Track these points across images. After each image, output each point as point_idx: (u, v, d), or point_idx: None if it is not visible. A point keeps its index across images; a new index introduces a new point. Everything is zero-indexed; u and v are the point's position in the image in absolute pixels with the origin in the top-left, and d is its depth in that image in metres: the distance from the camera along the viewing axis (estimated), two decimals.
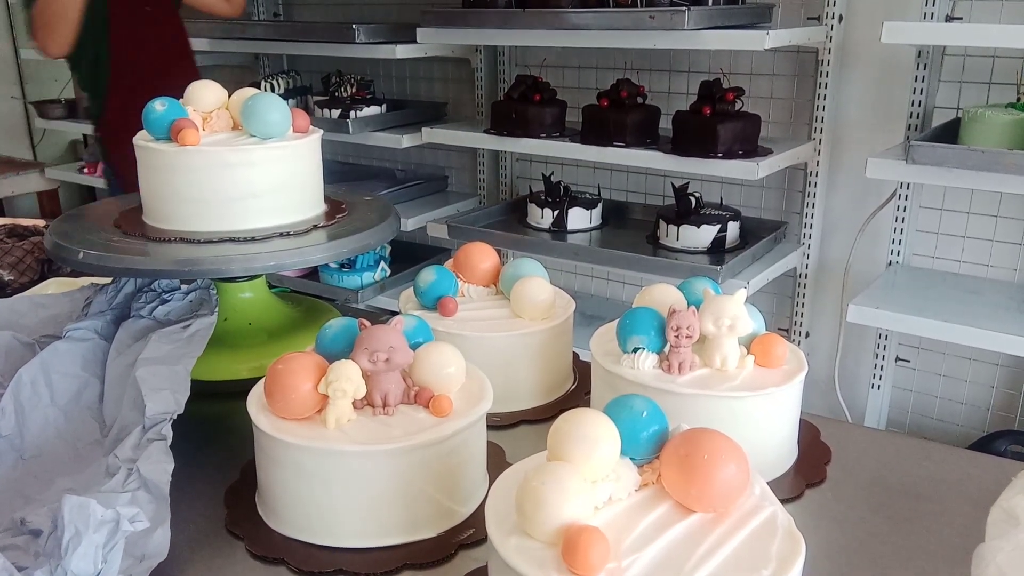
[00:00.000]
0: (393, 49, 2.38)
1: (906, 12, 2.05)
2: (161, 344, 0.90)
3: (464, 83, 2.89)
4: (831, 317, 2.36)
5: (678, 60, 2.47)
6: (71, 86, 3.74)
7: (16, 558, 0.66)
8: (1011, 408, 2.19)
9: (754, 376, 0.84)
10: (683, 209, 2.17)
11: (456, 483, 0.79)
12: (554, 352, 1.03)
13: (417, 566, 0.75)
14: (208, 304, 1.00)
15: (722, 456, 0.60)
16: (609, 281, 2.74)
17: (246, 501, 0.84)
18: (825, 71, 2.15)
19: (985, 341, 1.80)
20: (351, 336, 0.79)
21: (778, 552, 0.57)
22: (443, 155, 2.99)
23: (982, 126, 1.76)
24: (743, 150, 2.05)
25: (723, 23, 2.02)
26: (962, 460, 0.93)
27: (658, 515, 0.60)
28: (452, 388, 0.80)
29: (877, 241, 2.22)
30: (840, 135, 2.25)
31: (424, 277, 1.03)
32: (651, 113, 2.26)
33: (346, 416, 0.76)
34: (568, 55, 2.63)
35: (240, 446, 0.87)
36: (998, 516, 0.59)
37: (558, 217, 2.34)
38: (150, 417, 0.79)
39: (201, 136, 1.04)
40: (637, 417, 0.63)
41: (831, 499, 0.86)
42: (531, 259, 1.07)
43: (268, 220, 1.05)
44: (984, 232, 2.14)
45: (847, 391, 2.32)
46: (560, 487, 0.56)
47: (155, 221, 1.06)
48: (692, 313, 0.82)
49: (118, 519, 0.64)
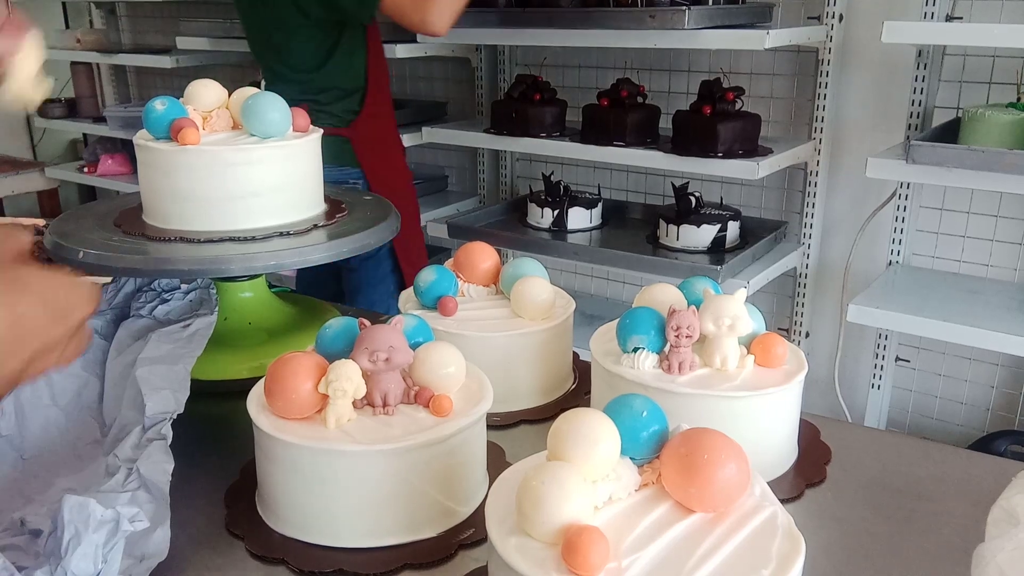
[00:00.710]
0: (393, 48, 2.38)
1: (906, 12, 2.05)
2: (161, 343, 0.90)
3: (464, 82, 2.89)
4: (831, 317, 2.36)
5: (678, 59, 2.47)
6: (71, 85, 3.74)
7: (16, 558, 0.66)
8: (1011, 408, 2.19)
9: (754, 376, 0.84)
10: (683, 209, 2.17)
11: (456, 483, 0.78)
12: (554, 352, 1.03)
13: (417, 566, 0.75)
14: (208, 303, 1.00)
15: (722, 456, 0.60)
16: (609, 281, 2.74)
17: (246, 501, 0.83)
18: (825, 71, 2.15)
19: (985, 341, 1.80)
20: (351, 336, 0.79)
21: (778, 552, 0.57)
22: (443, 155, 2.99)
23: (982, 126, 1.77)
24: (743, 150, 2.05)
25: (723, 22, 2.02)
26: (962, 460, 0.93)
27: (658, 515, 0.60)
28: (452, 388, 0.80)
29: (877, 241, 2.22)
30: (840, 135, 2.25)
31: (424, 277, 1.03)
32: (651, 113, 2.26)
33: (346, 416, 0.76)
34: (568, 54, 2.63)
35: (240, 446, 0.87)
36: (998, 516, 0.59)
37: (558, 217, 2.34)
38: (150, 416, 0.79)
39: (202, 135, 1.04)
40: (637, 417, 0.63)
41: (831, 499, 0.86)
42: (531, 259, 1.07)
43: (268, 220, 1.05)
44: (984, 232, 2.14)
45: (847, 391, 2.32)
46: (560, 487, 0.56)
47: (155, 220, 1.06)
48: (692, 313, 0.82)
49: (118, 519, 0.64)
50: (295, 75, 1.98)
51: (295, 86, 1.96)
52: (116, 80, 3.95)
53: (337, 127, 1.97)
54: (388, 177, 2.05)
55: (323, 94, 1.97)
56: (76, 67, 3.67)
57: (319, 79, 1.97)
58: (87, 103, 3.71)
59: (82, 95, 3.71)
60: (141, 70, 3.94)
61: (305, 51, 1.95)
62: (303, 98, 1.91)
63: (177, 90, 1.09)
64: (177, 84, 3.47)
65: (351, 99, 2.00)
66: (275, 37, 1.95)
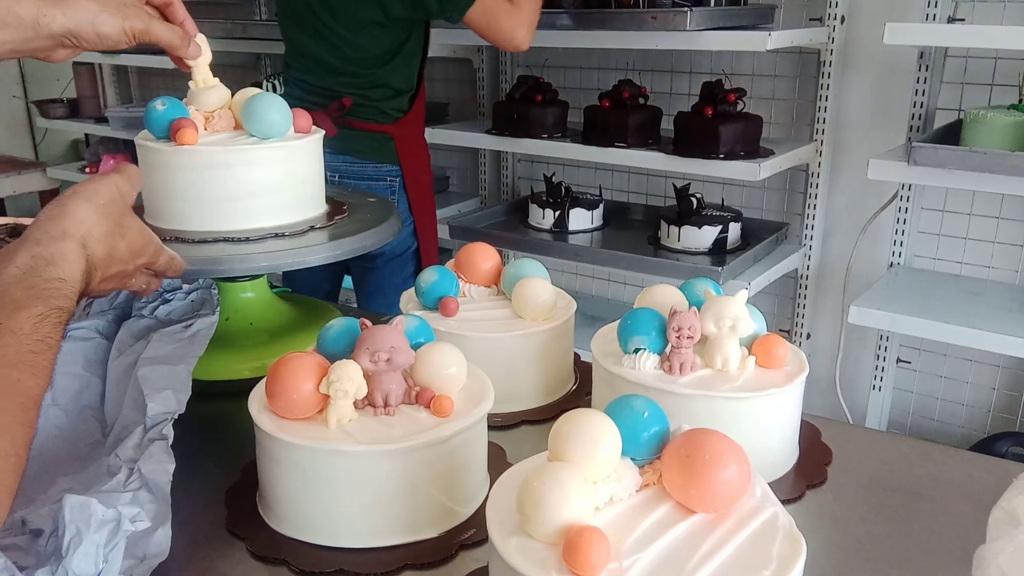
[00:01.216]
0: None
1: (908, 13, 2.05)
2: (163, 344, 0.90)
3: (466, 83, 2.89)
4: (832, 318, 2.36)
5: (680, 61, 2.47)
6: (72, 85, 3.75)
7: (17, 558, 0.66)
8: (1012, 410, 2.19)
9: (755, 377, 0.84)
10: (684, 210, 2.17)
11: (457, 483, 0.79)
12: (555, 353, 1.03)
13: (418, 566, 0.75)
14: (210, 304, 1.00)
15: (723, 457, 0.60)
16: (610, 282, 2.74)
17: (247, 501, 0.84)
18: (827, 72, 2.15)
19: (986, 343, 1.80)
20: (352, 336, 0.79)
21: (779, 553, 0.57)
22: (444, 155, 2.99)
23: (984, 128, 1.76)
24: (745, 151, 2.05)
25: (725, 24, 2.02)
26: (963, 461, 0.93)
27: (659, 516, 0.60)
28: (453, 388, 0.80)
29: (878, 242, 2.22)
30: (842, 136, 2.25)
31: (425, 277, 1.03)
32: (653, 114, 2.26)
33: (347, 416, 0.76)
34: (570, 56, 2.63)
35: (241, 446, 0.87)
36: (999, 517, 0.59)
37: (559, 218, 2.34)
38: (151, 417, 0.79)
39: (203, 135, 1.04)
40: (638, 417, 0.63)
41: (832, 500, 0.86)
42: (532, 260, 1.07)
43: (268, 220, 1.05)
44: (986, 234, 2.14)
45: (848, 392, 2.31)
46: (561, 487, 0.56)
47: (155, 220, 1.06)
48: (693, 314, 0.82)
49: (119, 519, 0.64)
50: (349, 68, 1.91)
51: (344, 78, 1.91)
52: (118, 80, 3.95)
53: (383, 124, 1.95)
54: (422, 178, 2.04)
55: (375, 90, 1.93)
56: (78, 67, 3.67)
57: (377, 76, 1.93)
58: (89, 103, 3.71)
59: (84, 95, 3.72)
60: (143, 70, 3.95)
61: (372, 47, 1.90)
62: (349, 92, 1.90)
63: (179, 91, 1.09)
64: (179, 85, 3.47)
65: (401, 98, 1.97)
66: (337, 29, 1.88)
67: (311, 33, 1.93)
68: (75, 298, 0.70)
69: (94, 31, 0.86)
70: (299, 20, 1.96)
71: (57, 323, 0.67)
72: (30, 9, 0.82)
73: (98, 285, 0.76)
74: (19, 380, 0.62)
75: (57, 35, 0.84)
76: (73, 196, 0.74)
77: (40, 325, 0.65)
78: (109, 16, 0.86)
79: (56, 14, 0.83)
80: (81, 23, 0.85)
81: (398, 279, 2.02)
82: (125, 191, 0.78)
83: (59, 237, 0.71)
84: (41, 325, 0.65)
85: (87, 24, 0.85)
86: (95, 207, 0.74)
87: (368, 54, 1.90)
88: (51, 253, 0.69)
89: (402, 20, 1.86)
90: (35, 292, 0.66)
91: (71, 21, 0.84)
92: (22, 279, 0.67)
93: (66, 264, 0.70)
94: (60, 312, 0.67)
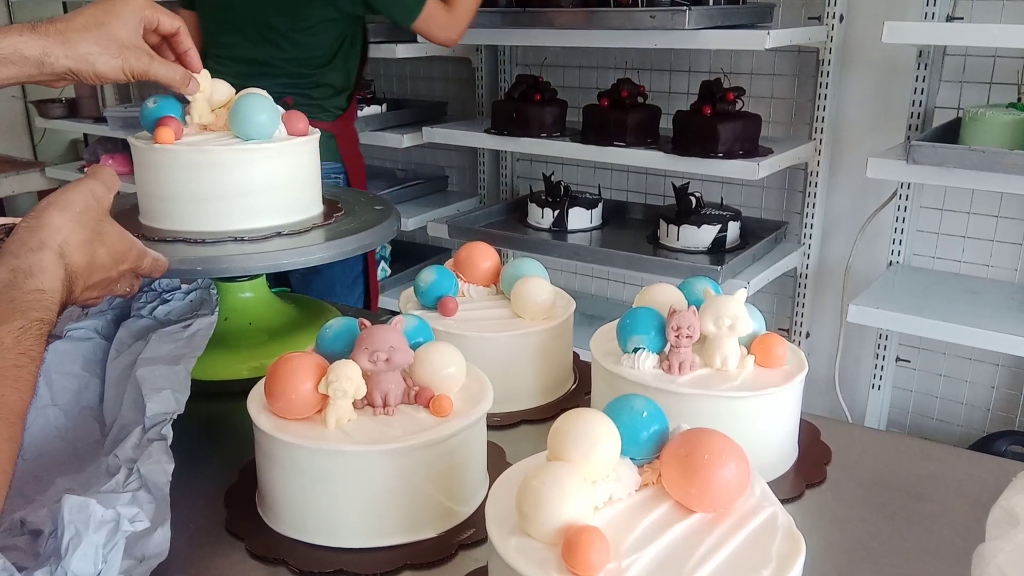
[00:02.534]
0: (393, 48, 2.38)
1: (907, 12, 2.05)
2: (161, 344, 0.90)
3: (465, 82, 2.89)
4: (831, 317, 2.36)
5: (679, 60, 2.47)
6: (71, 86, 3.74)
7: (16, 558, 0.66)
8: (1011, 408, 2.19)
9: (754, 376, 0.84)
10: (683, 209, 2.17)
11: (456, 483, 0.79)
12: (554, 352, 1.03)
13: (417, 566, 0.75)
14: (209, 304, 1.00)
15: (722, 456, 0.60)
16: (609, 281, 2.74)
17: (246, 501, 0.84)
18: (826, 71, 2.15)
19: (986, 341, 1.80)
20: (351, 336, 0.79)
21: (778, 552, 0.57)
22: (443, 155, 2.99)
23: (983, 126, 1.76)
24: (743, 150, 2.05)
25: (724, 23, 2.02)
26: (962, 460, 0.93)
27: (658, 515, 0.60)
28: (452, 388, 0.80)
29: (877, 241, 2.22)
30: (841, 135, 2.25)
31: (424, 277, 1.03)
32: (651, 113, 2.26)
33: (346, 416, 0.76)
34: (569, 55, 2.63)
35: (240, 446, 0.87)
36: (998, 516, 0.59)
37: (558, 217, 2.34)
38: (150, 417, 0.79)
39: (202, 135, 1.04)
40: (637, 417, 0.63)
41: (831, 499, 0.86)
42: (531, 259, 1.07)
43: (265, 220, 1.05)
44: (985, 232, 2.14)
45: (847, 391, 2.32)
46: (560, 487, 0.56)
47: (151, 221, 1.06)
48: (692, 313, 0.82)
49: (118, 519, 0.64)
50: (290, 68, 1.95)
51: (285, 79, 1.94)
52: None
53: (325, 122, 1.98)
54: (361, 174, 2.10)
55: (317, 89, 1.99)
56: None
57: (319, 75, 1.97)
58: (87, 103, 3.70)
59: (82, 95, 3.71)
60: None
61: (318, 45, 1.94)
62: (291, 92, 1.93)
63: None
64: None
65: (340, 97, 2.04)
66: (286, 30, 1.91)
67: (252, 37, 1.96)
68: (56, 309, 0.70)
69: (93, 71, 0.90)
70: (235, 25, 1.98)
71: (39, 335, 0.66)
72: (35, 50, 0.86)
73: (82, 294, 0.75)
74: (2, 395, 0.61)
75: (59, 73, 0.89)
76: (48, 207, 0.74)
77: (22, 338, 0.64)
78: (109, 58, 0.91)
79: (59, 55, 0.88)
80: (81, 64, 0.89)
81: (348, 278, 2.06)
82: (100, 195, 0.78)
83: (36, 248, 0.71)
84: (23, 338, 0.65)
85: (87, 65, 0.90)
86: (71, 216, 0.74)
87: (316, 51, 1.95)
88: (29, 265, 0.69)
89: (350, 16, 1.93)
90: (15, 305, 0.66)
91: (73, 62, 0.89)
92: (1, 293, 0.67)
93: (45, 275, 0.70)
94: (41, 324, 0.67)
